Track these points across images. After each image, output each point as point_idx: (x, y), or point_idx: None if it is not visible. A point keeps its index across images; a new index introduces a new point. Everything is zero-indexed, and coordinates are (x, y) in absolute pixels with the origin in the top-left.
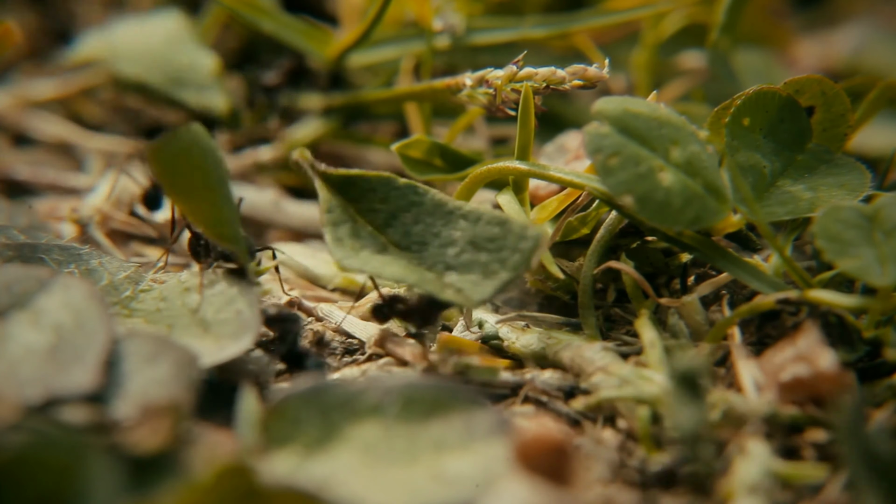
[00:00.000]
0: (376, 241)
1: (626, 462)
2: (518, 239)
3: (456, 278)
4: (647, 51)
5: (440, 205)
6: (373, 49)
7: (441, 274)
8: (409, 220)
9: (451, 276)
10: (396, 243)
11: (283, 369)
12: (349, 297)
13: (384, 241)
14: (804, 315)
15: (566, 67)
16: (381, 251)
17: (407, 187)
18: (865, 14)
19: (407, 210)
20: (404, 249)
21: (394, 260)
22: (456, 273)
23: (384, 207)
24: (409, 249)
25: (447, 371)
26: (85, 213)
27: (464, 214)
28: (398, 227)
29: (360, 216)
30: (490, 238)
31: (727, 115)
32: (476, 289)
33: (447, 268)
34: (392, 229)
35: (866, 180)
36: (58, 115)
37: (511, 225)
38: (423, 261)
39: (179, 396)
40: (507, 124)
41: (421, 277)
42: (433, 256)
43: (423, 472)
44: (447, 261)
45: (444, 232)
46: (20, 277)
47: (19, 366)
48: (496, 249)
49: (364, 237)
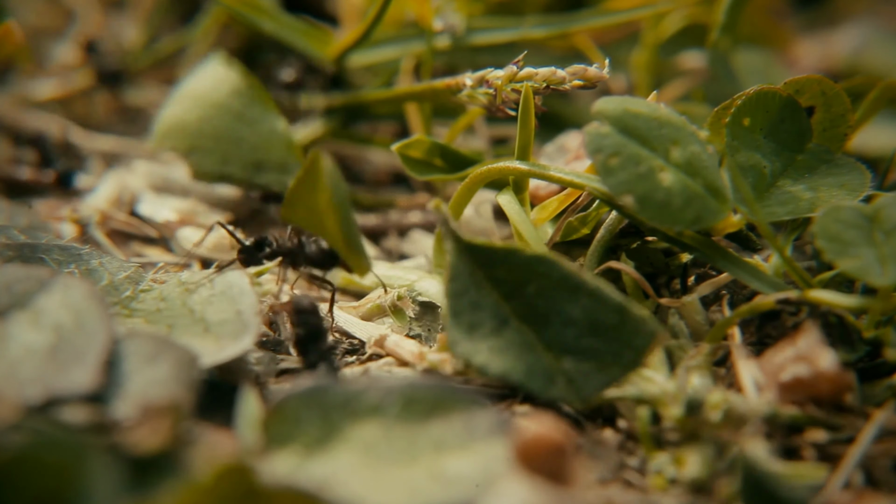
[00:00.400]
0: (497, 312)
1: (626, 462)
2: (633, 334)
3: (571, 366)
4: (648, 51)
5: (566, 278)
6: (373, 49)
7: (558, 357)
8: (533, 291)
9: (567, 361)
10: (519, 316)
11: (287, 368)
12: (349, 297)
13: (506, 312)
14: (804, 315)
15: (566, 67)
16: (500, 325)
17: (533, 259)
18: (865, 14)
19: (532, 282)
20: (525, 323)
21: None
22: (572, 359)
23: (509, 278)
24: (530, 324)
25: (447, 371)
26: (85, 213)
27: (589, 292)
28: (521, 299)
29: (485, 284)
30: (609, 325)
31: (727, 115)
32: (586, 383)
33: (564, 351)
34: (515, 301)
35: (866, 180)
36: (58, 115)
37: (629, 315)
38: (541, 338)
39: (179, 396)
40: (507, 124)
41: (531, 370)
42: (553, 335)
43: (423, 472)
44: (566, 343)
45: (566, 309)
46: (20, 277)
47: (19, 366)
48: (612, 340)
49: (485, 308)
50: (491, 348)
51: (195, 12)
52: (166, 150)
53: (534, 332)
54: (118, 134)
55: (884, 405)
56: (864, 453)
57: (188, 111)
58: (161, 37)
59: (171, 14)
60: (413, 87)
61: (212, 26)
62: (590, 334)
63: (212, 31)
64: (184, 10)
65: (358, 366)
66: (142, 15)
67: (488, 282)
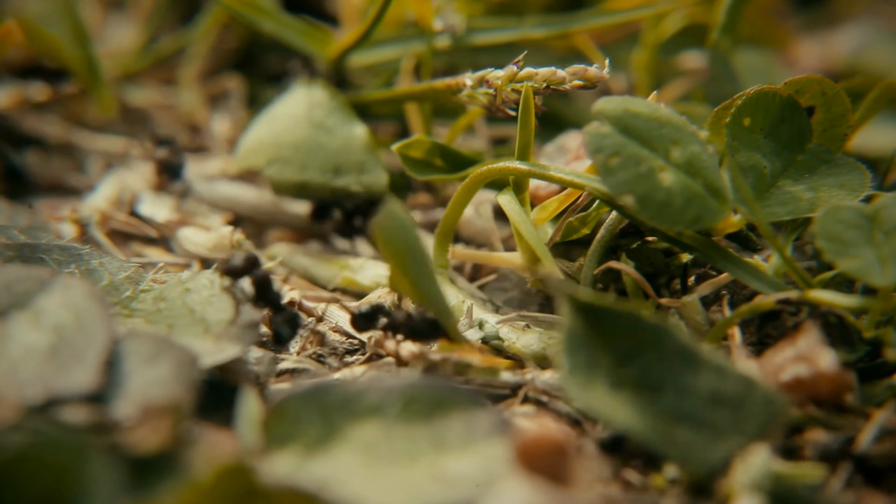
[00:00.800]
0: (612, 375)
1: (626, 462)
2: (762, 404)
3: (688, 435)
4: (648, 51)
5: (686, 350)
6: (373, 49)
7: (674, 425)
8: (652, 359)
9: (683, 431)
10: (634, 381)
11: (287, 368)
12: (349, 297)
13: (621, 375)
14: (804, 315)
15: (566, 67)
16: (614, 387)
17: (655, 326)
18: (865, 14)
19: (651, 349)
20: (640, 388)
21: (626, 403)
22: (689, 429)
23: (627, 342)
24: (645, 390)
25: (447, 371)
26: (85, 213)
27: (712, 367)
28: (638, 364)
29: (601, 345)
30: (732, 397)
31: (727, 116)
32: (706, 452)
33: (680, 419)
34: (631, 366)
35: (866, 180)
36: (58, 115)
37: (757, 388)
38: (657, 405)
39: (179, 396)
40: (507, 124)
41: (650, 428)
42: (669, 404)
43: (424, 472)
44: (683, 412)
45: (685, 379)
46: (20, 277)
47: (19, 366)
48: (736, 410)
49: (600, 367)
50: (608, 405)
51: (195, 12)
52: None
53: (650, 398)
54: (118, 134)
55: (884, 405)
56: (864, 453)
57: (269, 127)
58: (161, 37)
59: (171, 14)
60: (413, 87)
61: (212, 26)
62: (711, 406)
63: (212, 31)
64: (184, 10)
65: (358, 366)
66: (142, 15)
67: (604, 343)
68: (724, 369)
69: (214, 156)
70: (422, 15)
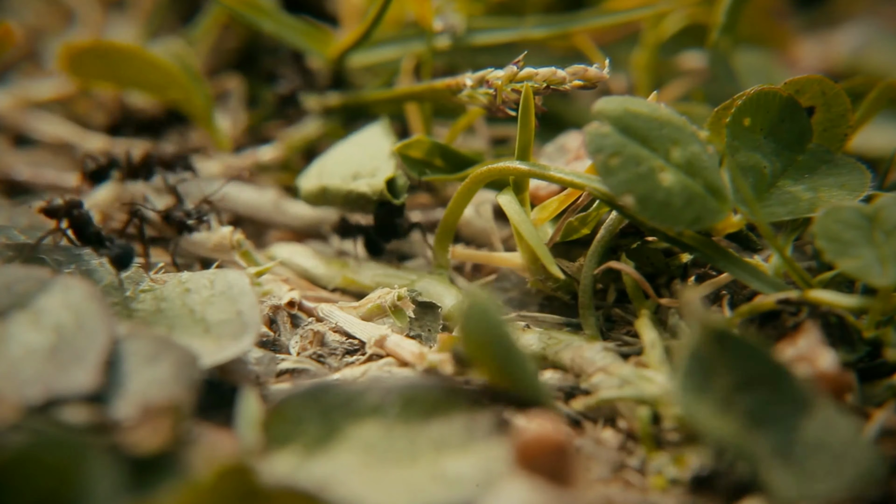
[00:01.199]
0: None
1: (626, 462)
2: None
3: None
4: (648, 51)
5: (800, 393)
6: (373, 49)
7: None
8: (765, 392)
9: (777, 467)
10: (744, 409)
11: (287, 368)
12: (349, 297)
13: (732, 401)
14: (804, 315)
15: (566, 68)
16: (724, 409)
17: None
18: (865, 14)
19: (766, 383)
20: (748, 418)
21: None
22: (786, 464)
23: (745, 372)
24: (752, 420)
25: (448, 371)
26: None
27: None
28: (752, 395)
29: (720, 370)
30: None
31: (728, 116)
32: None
33: (777, 455)
34: (745, 395)
35: (866, 180)
36: (58, 115)
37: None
38: (761, 436)
39: (180, 396)
40: (507, 124)
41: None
42: (773, 438)
43: (424, 472)
44: (785, 449)
45: (794, 421)
46: (20, 277)
47: (19, 366)
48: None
49: (713, 391)
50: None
51: (195, 12)
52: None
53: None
54: (118, 134)
55: (884, 405)
56: None
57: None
58: (161, 37)
59: (171, 14)
60: (413, 87)
61: (212, 26)
62: (812, 451)
63: (212, 31)
64: (184, 10)
65: (358, 366)
66: (142, 15)
67: (724, 369)
68: (833, 420)
69: (214, 156)
70: (422, 15)
